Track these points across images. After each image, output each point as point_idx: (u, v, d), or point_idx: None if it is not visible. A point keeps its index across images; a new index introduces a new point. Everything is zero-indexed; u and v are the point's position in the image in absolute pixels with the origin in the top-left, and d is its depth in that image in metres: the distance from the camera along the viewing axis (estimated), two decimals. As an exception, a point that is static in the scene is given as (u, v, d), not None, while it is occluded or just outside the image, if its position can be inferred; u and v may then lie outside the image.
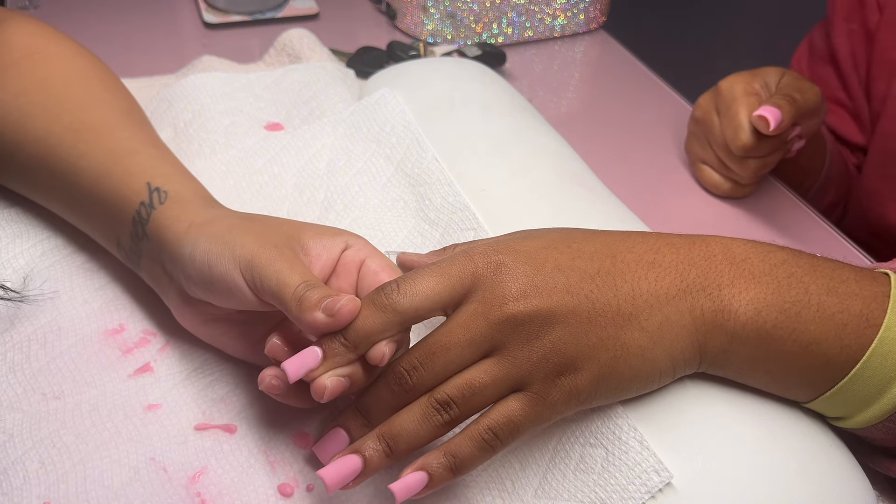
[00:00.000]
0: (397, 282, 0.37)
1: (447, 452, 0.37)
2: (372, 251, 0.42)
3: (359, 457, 0.37)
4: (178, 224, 0.43)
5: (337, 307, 0.36)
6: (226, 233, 0.41)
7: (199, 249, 0.40)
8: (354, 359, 0.37)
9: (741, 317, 0.38)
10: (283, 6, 0.88)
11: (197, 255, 0.40)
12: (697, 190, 0.70)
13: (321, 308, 0.36)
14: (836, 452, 0.41)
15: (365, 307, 0.37)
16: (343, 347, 0.37)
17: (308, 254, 0.40)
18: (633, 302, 0.38)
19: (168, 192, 0.45)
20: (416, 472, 0.37)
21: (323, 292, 0.36)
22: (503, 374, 0.37)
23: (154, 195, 0.44)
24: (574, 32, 0.91)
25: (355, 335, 0.36)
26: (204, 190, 0.47)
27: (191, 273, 0.41)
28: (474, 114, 0.59)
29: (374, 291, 0.37)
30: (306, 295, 0.36)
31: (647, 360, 0.38)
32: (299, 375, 0.36)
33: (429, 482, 0.36)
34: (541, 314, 0.37)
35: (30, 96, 0.49)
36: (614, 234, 0.41)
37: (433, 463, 0.37)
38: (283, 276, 0.37)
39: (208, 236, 0.41)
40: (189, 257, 0.41)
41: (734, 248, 0.40)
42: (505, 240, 0.40)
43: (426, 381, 0.37)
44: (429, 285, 0.37)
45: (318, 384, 0.36)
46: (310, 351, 0.37)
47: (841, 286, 0.39)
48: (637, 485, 0.38)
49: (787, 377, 0.39)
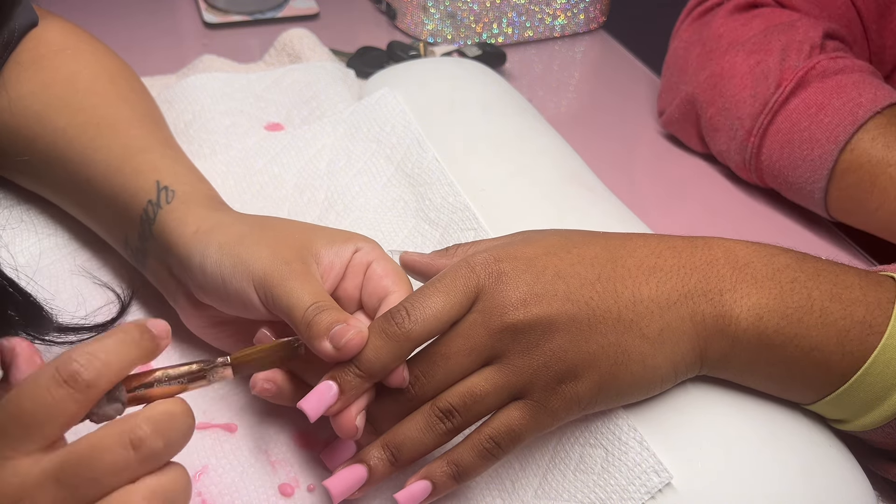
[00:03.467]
0: (406, 308, 0.37)
1: (450, 461, 0.37)
2: (379, 254, 0.42)
3: (364, 466, 0.37)
4: (184, 228, 0.43)
5: (343, 341, 0.36)
6: (236, 244, 0.40)
7: (210, 261, 0.40)
8: (370, 388, 0.37)
9: (742, 322, 0.38)
10: (283, 6, 0.88)
11: (208, 267, 0.40)
12: (697, 190, 0.70)
13: (329, 337, 0.36)
14: (837, 453, 0.41)
15: (377, 337, 0.36)
16: (359, 379, 0.36)
17: (321, 263, 0.40)
18: (634, 308, 0.38)
19: (175, 192, 0.44)
20: (420, 481, 0.37)
21: (332, 317, 0.36)
22: (504, 381, 0.37)
23: (162, 193, 0.44)
24: (574, 32, 0.91)
25: (370, 367, 0.36)
26: (213, 191, 0.47)
27: (202, 283, 0.41)
28: (474, 114, 0.59)
29: (383, 319, 0.37)
30: (315, 320, 0.36)
31: (649, 367, 0.38)
32: (319, 414, 0.36)
33: (433, 491, 0.37)
34: (541, 322, 0.37)
35: (55, 89, 0.49)
36: (615, 237, 0.41)
37: (437, 472, 0.37)
38: (293, 299, 0.37)
39: (218, 246, 0.41)
40: (199, 267, 0.41)
41: (737, 251, 0.40)
42: (505, 245, 0.40)
43: (428, 390, 0.37)
44: (437, 306, 0.37)
45: (349, 425, 0.36)
46: (325, 386, 0.36)
47: (844, 292, 0.38)
48: (637, 485, 0.38)
49: (787, 381, 0.39)
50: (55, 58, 0.51)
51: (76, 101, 0.49)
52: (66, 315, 0.45)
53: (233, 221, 0.43)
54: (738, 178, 0.70)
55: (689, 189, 0.70)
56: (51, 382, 0.29)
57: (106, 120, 0.48)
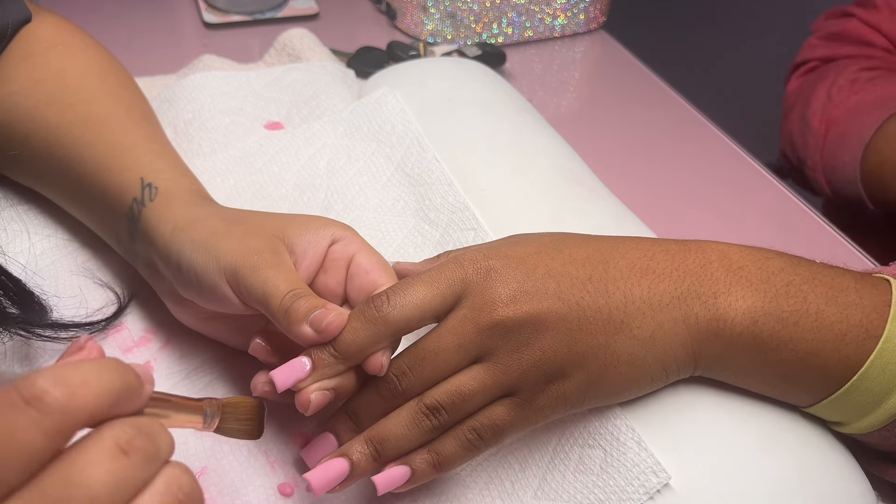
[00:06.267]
0: (387, 293, 0.37)
1: (431, 449, 0.37)
2: (360, 245, 0.41)
3: (346, 460, 0.37)
4: (163, 226, 0.42)
5: (324, 324, 0.35)
6: (208, 239, 0.40)
7: (184, 258, 0.40)
8: (344, 370, 0.37)
9: (737, 326, 0.38)
10: (283, 6, 0.88)
11: (182, 264, 0.40)
12: (697, 190, 0.70)
13: (308, 321, 0.36)
14: (836, 453, 0.41)
15: (355, 319, 0.36)
16: (333, 359, 0.36)
17: (294, 251, 0.40)
18: (625, 309, 0.38)
19: (158, 189, 0.44)
20: (400, 466, 0.37)
21: (309, 303, 0.36)
22: (492, 381, 0.37)
23: (146, 191, 0.44)
24: (574, 32, 0.91)
25: (346, 348, 0.36)
26: (196, 186, 0.47)
27: (180, 280, 0.41)
28: (474, 114, 0.59)
29: (363, 303, 0.37)
30: (293, 306, 0.36)
31: (638, 368, 0.38)
32: (287, 386, 0.36)
33: (411, 477, 0.37)
34: (530, 320, 0.36)
35: (46, 85, 0.49)
36: (607, 239, 0.41)
37: (416, 458, 0.37)
38: (268, 287, 0.37)
39: (192, 243, 0.40)
40: (176, 264, 0.41)
41: (731, 254, 0.39)
42: (496, 245, 0.40)
43: (415, 386, 0.37)
44: (419, 295, 0.37)
45: (303, 397, 0.36)
46: (298, 362, 0.36)
47: (840, 295, 0.38)
48: (636, 486, 0.38)
49: (783, 384, 0.39)
50: (46, 54, 0.51)
51: (66, 97, 0.49)
52: (67, 315, 0.45)
53: (207, 217, 0.42)
54: (735, 178, 0.70)
55: (688, 189, 0.70)
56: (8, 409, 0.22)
57: (95, 116, 0.48)
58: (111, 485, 0.23)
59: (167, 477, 0.25)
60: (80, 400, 0.23)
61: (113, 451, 0.23)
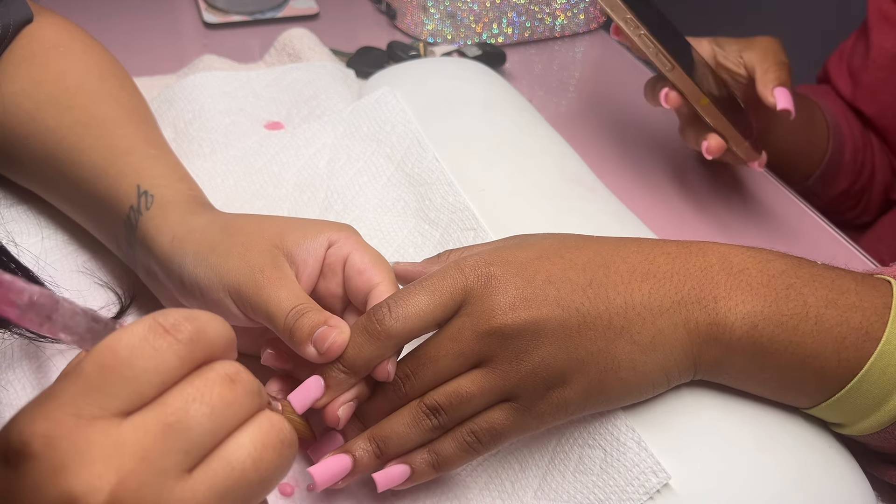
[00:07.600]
0: (388, 304, 0.37)
1: (430, 449, 0.38)
2: (354, 245, 0.41)
3: (349, 456, 0.38)
4: (161, 236, 0.42)
5: (325, 346, 0.36)
6: (209, 254, 0.40)
7: (186, 272, 0.40)
8: (356, 382, 0.38)
9: (737, 330, 0.38)
10: (283, 6, 0.88)
11: (185, 279, 0.40)
12: (697, 190, 0.70)
13: (312, 341, 0.36)
14: (836, 454, 0.41)
15: (359, 335, 0.37)
16: (344, 375, 0.37)
17: (294, 261, 0.40)
18: (626, 315, 0.37)
19: (154, 196, 0.44)
20: (400, 464, 0.38)
21: (312, 320, 0.36)
22: (490, 385, 0.37)
23: (142, 199, 0.44)
24: (574, 32, 0.91)
25: (352, 364, 0.37)
26: (193, 191, 0.47)
27: (183, 293, 0.41)
28: (474, 114, 0.59)
29: (365, 317, 0.37)
30: (296, 325, 0.36)
31: (639, 373, 0.38)
32: (306, 407, 0.37)
33: (411, 475, 0.38)
34: (529, 327, 0.36)
35: (46, 87, 0.49)
36: (608, 241, 0.41)
37: (416, 458, 0.38)
38: (272, 306, 0.37)
39: (193, 257, 0.40)
40: (178, 278, 0.41)
41: (732, 257, 0.39)
42: (497, 249, 0.40)
43: (417, 390, 0.38)
44: (420, 305, 0.37)
45: (331, 415, 0.37)
46: (313, 381, 0.37)
47: (840, 297, 0.38)
48: (635, 486, 0.38)
49: (783, 387, 0.39)
50: (46, 55, 0.51)
51: (65, 100, 0.49)
52: None
53: (205, 226, 0.42)
54: (735, 177, 0.70)
55: (689, 189, 0.70)
56: (148, 332, 0.26)
57: (93, 119, 0.48)
58: (222, 406, 0.27)
59: (269, 416, 0.28)
60: (206, 335, 0.28)
61: (224, 378, 0.28)
